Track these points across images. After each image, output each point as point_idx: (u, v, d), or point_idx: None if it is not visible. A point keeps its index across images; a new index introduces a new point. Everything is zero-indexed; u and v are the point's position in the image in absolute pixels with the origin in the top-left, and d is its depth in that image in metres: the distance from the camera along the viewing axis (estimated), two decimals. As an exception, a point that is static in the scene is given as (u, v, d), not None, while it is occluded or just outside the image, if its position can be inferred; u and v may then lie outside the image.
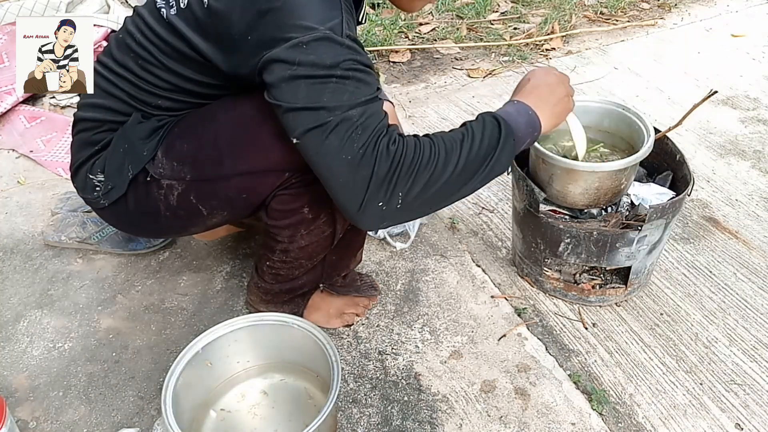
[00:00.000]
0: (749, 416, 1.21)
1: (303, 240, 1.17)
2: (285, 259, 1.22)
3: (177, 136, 1.08)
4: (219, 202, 1.13)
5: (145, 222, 1.20)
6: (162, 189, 1.11)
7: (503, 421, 1.21)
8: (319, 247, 1.21)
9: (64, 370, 1.33)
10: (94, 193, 1.15)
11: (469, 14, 2.84)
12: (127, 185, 1.12)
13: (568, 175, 1.27)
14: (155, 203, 1.13)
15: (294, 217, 1.13)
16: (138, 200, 1.14)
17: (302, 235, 1.16)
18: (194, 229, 1.27)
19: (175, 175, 1.09)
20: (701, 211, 1.72)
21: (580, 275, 1.44)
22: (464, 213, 1.73)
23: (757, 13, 2.88)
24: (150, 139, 1.09)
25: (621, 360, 1.32)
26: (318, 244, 1.20)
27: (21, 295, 1.50)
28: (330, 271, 1.34)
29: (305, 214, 1.12)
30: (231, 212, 1.16)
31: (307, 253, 1.21)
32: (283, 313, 1.21)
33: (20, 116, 2.11)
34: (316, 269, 1.29)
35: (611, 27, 2.78)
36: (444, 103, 2.25)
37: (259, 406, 1.22)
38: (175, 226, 1.22)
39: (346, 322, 1.40)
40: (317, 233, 1.17)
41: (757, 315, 1.41)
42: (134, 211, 1.16)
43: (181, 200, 1.12)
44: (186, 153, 1.08)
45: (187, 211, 1.13)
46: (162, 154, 1.09)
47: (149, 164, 1.10)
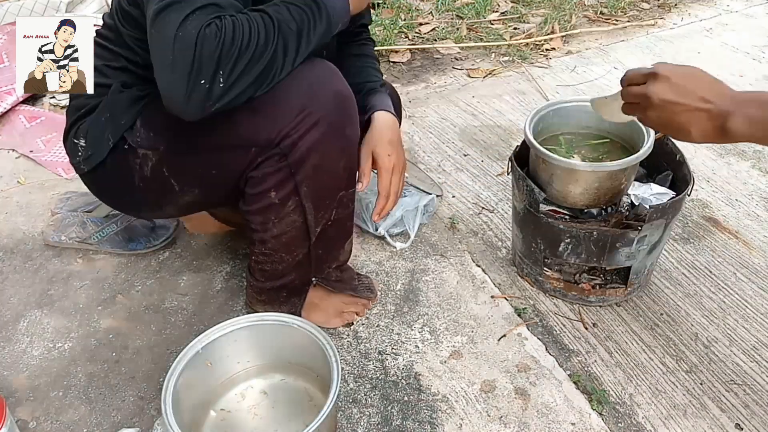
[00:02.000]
0: (749, 416, 1.21)
1: (275, 228, 1.17)
2: (264, 251, 1.22)
3: (157, 107, 1.09)
4: (190, 178, 1.16)
5: (120, 193, 1.25)
6: (138, 158, 1.15)
7: (503, 421, 1.21)
8: (293, 238, 1.20)
9: (64, 370, 1.33)
10: (77, 158, 1.21)
11: (469, 14, 2.84)
12: (107, 153, 1.16)
13: (568, 175, 1.27)
14: (131, 173, 1.17)
15: (262, 202, 1.13)
16: (115, 168, 1.18)
17: (274, 223, 1.16)
18: (169, 209, 1.29)
19: (151, 145, 1.13)
20: (701, 211, 1.72)
21: (580, 275, 1.44)
22: (464, 213, 1.73)
23: (757, 13, 2.88)
24: (130, 108, 1.14)
25: (621, 360, 1.32)
26: (292, 236, 1.19)
27: (21, 295, 1.50)
28: (319, 264, 1.31)
29: (272, 198, 1.12)
30: (202, 191, 1.19)
31: (283, 245, 1.20)
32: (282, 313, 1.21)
33: (20, 116, 2.12)
34: (303, 266, 1.27)
35: (611, 27, 2.78)
36: (444, 103, 2.25)
37: (259, 406, 1.22)
38: (149, 201, 1.24)
39: (346, 320, 1.40)
40: (288, 222, 1.16)
41: (757, 315, 1.41)
42: (111, 180, 1.22)
43: (154, 172, 1.15)
44: (162, 124, 1.12)
45: (159, 184, 1.16)
46: (141, 123, 1.13)
47: (128, 132, 1.14)
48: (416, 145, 2.02)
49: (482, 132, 2.09)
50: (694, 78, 0.88)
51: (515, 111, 2.20)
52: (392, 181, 1.29)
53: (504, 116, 2.17)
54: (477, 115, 2.18)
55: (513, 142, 2.02)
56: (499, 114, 2.18)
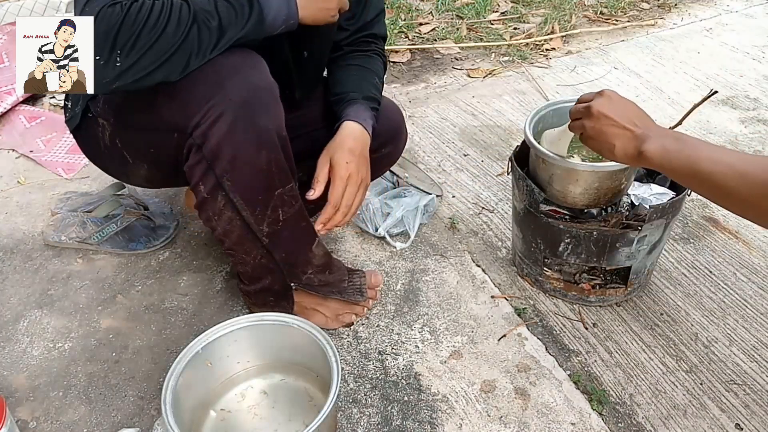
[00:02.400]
0: (749, 416, 1.21)
1: (219, 226, 1.16)
2: (227, 251, 1.23)
3: None
4: (136, 153, 1.21)
5: (96, 156, 1.31)
6: (99, 126, 1.21)
7: (503, 421, 1.21)
8: (240, 238, 1.17)
9: (64, 370, 1.33)
10: (66, 118, 1.30)
11: (469, 14, 2.84)
12: (80, 117, 1.23)
13: (568, 175, 1.27)
14: (98, 140, 1.23)
15: (198, 197, 1.13)
16: (87, 133, 1.26)
17: (215, 220, 1.15)
18: (134, 179, 1.34)
19: (104, 115, 1.19)
20: (701, 211, 1.72)
21: (580, 275, 1.44)
22: (464, 213, 1.73)
23: (756, 13, 2.88)
24: None
25: (621, 360, 1.32)
26: (238, 234, 1.16)
27: (21, 295, 1.50)
28: (291, 269, 1.28)
29: (203, 192, 1.11)
30: (150, 167, 1.24)
31: (235, 244, 1.19)
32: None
33: (20, 116, 2.12)
34: (273, 270, 1.26)
35: (611, 27, 2.78)
36: (444, 103, 2.25)
37: (259, 406, 1.22)
38: (118, 168, 1.32)
39: (344, 322, 1.39)
40: (226, 219, 1.14)
41: (757, 315, 1.41)
42: (87, 143, 1.29)
43: (111, 141, 1.21)
44: (110, 96, 1.16)
45: (117, 154, 1.22)
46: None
47: (91, 101, 1.20)
48: (416, 145, 2.02)
49: (482, 132, 2.09)
50: (630, 105, 1.03)
51: (515, 111, 2.20)
52: (346, 192, 1.21)
53: (504, 116, 2.17)
54: (477, 115, 2.18)
55: (513, 142, 2.02)
56: (499, 114, 2.18)
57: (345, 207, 1.22)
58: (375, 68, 1.43)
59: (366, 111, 1.30)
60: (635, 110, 1.02)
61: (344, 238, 1.65)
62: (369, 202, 1.62)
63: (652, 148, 0.93)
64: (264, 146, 1.07)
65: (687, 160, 0.89)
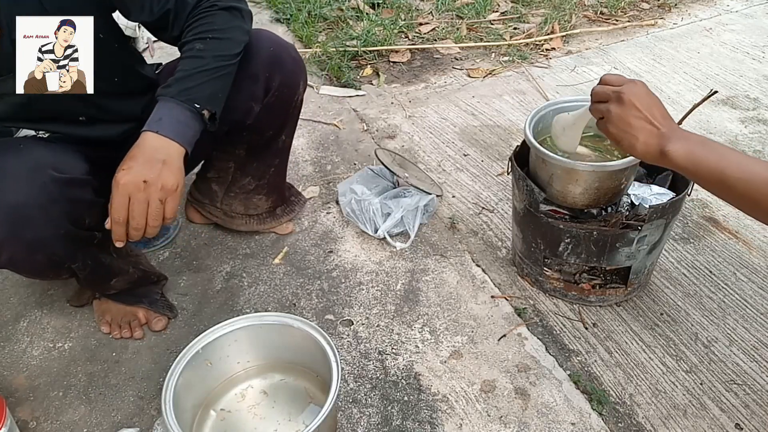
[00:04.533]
0: (749, 416, 1.21)
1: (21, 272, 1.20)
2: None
3: None
4: None
5: None
6: None
7: (503, 421, 1.21)
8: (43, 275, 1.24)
9: (64, 370, 1.33)
10: None
11: (469, 14, 2.84)
12: None
13: (568, 175, 1.27)
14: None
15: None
16: None
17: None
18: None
19: None
20: (701, 211, 1.72)
21: (580, 275, 1.44)
22: (464, 213, 1.73)
23: (756, 13, 2.88)
24: None
25: (621, 360, 1.32)
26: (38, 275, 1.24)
27: (21, 295, 1.50)
28: (96, 289, 1.39)
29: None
30: None
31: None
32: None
33: (20, 116, 2.11)
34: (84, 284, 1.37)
35: (611, 27, 2.78)
36: (444, 103, 2.25)
37: (259, 406, 1.22)
38: None
39: (116, 334, 1.40)
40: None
41: (757, 315, 1.41)
42: None
43: None
44: None
45: None
46: None
47: None
48: (416, 145, 2.02)
49: (482, 132, 2.09)
50: (658, 102, 0.99)
51: (515, 111, 2.20)
52: (133, 200, 1.01)
53: (504, 116, 2.17)
54: (477, 115, 2.18)
55: (513, 142, 2.02)
56: (499, 114, 2.18)
57: (138, 217, 1.02)
58: (198, 54, 1.12)
59: (161, 109, 1.07)
60: (662, 108, 0.98)
61: (344, 238, 1.65)
62: (369, 203, 1.62)
63: (678, 149, 0.91)
64: (37, 251, 1.07)
65: (715, 166, 0.88)
